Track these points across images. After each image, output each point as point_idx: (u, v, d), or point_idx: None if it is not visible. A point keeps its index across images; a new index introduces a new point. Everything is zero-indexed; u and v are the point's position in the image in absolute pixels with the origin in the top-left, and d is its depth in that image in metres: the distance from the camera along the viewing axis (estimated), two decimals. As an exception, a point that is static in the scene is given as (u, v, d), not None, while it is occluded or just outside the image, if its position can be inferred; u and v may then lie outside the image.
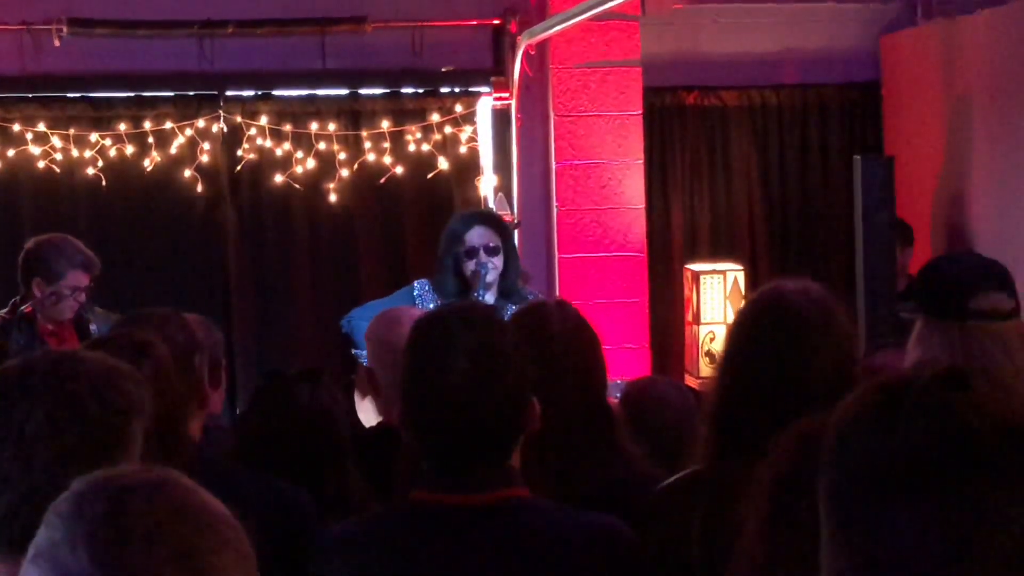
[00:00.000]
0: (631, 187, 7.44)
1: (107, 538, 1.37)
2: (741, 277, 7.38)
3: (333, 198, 7.53)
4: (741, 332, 2.76)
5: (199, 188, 7.45)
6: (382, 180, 7.54)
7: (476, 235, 5.51)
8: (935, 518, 1.31)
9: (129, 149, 7.35)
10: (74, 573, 1.35)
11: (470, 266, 5.46)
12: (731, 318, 7.12)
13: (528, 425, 2.44)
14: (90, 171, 7.34)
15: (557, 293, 7.29)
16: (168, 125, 7.39)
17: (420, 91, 7.64)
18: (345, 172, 7.51)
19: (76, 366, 2.04)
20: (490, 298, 5.47)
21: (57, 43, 7.21)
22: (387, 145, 7.52)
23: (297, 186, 7.50)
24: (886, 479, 1.34)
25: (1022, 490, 1.30)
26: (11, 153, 7.29)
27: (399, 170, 7.53)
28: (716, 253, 7.84)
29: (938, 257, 3.52)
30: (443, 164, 7.56)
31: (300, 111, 7.55)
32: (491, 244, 5.49)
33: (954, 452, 1.31)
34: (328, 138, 7.50)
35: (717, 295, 7.37)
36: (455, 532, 2.37)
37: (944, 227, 7.17)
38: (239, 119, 7.46)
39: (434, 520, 2.39)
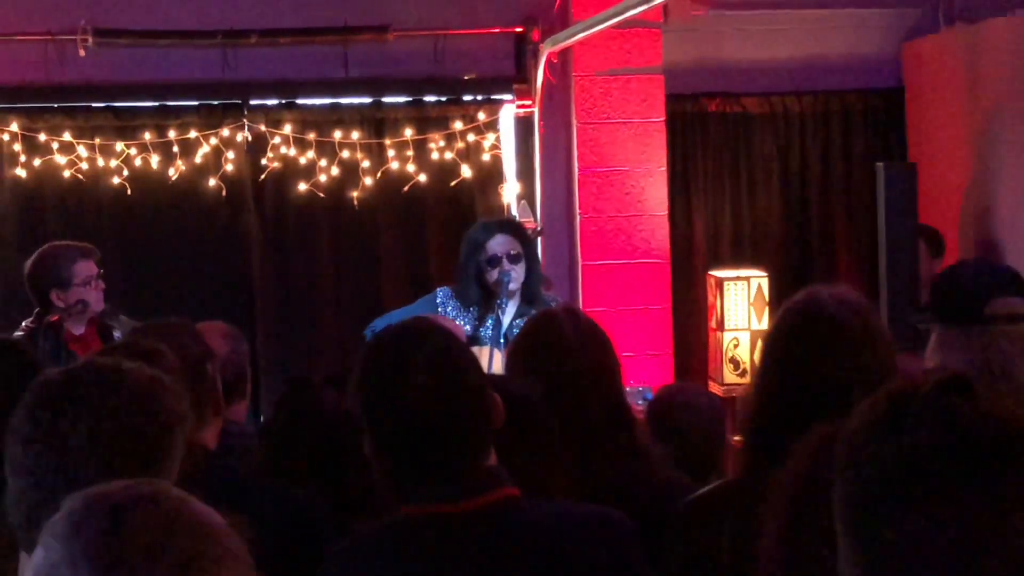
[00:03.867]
0: (654, 194, 7.44)
1: (108, 555, 1.36)
2: (765, 283, 7.37)
3: (356, 206, 7.55)
4: (778, 341, 2.73)
5: (223, 197, 7.49)
6: (405, 188, 7.56)
7: (498, 243, 5.49)
8: (943, 524, 1.31)
9: (154, 158, 7.39)
10: None
11: (493, 274, 5.45)
12: (755, 324, 7.15)
13: (494, 422, 2.45)
14: (115, 180, 7.38)
15: (581, 300, 7.30)
16: (192, 134, 7.43)
17: (443, 99, 7.66)
18: (368, 180, 7.53)
19: (120, 378, 2.03)
20: (513, 305, 5.47)
21: (82, 53, 7.26)
22: (410, 153, 7.54)
23: (321, 194, 7.53)
24: (895, 486, 1.34)
25: None
26: (37, 162, 7.34)
27: (422, 178, 7.55)
28: (739, 260, 7.83)
29: (952, 265, 3.51)
30: (466, 172, 7.58)
31: (323, 119, 7.58)
32: (513, 252, 5.48)
33: (959, 458, 1.32)
34: (351, 146, 7.52)
35: (741, 301, 7.36)
36: (453, 540, 2.37)
37: (970, 234, 7.15)
38: (263, 128, 7.50)
39: (430, 532, 2.39)
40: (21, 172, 7.33)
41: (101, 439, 1.95)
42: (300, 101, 7.59)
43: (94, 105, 7.44)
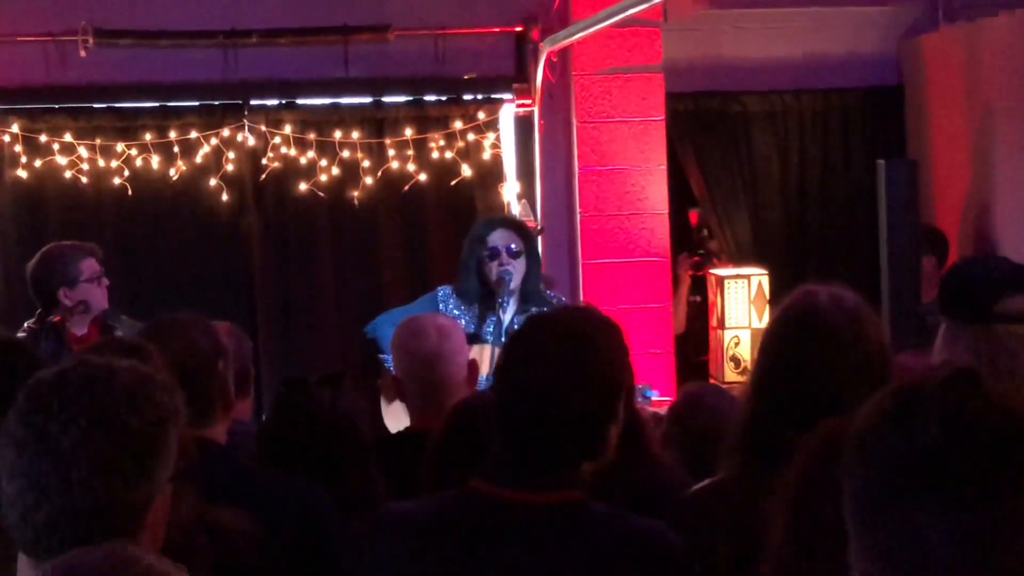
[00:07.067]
0: (654, 192, 7.44)
1: None
2: (765, 281, 7.37)
3: (357, 206, 7.56)
4: (771, 340, 2.76)
5: (224, 197, 7.49)
6: (406, 188, 7.57)
7: (498, 237, 5.53)
8: (954, 518, 1.32)
9: (155, 159, 7.40)
10: None
11: (493, 268, 5.47)
12: (755, 322, 7.15)
13: (604, 445, 2.52)
14: (116, 181, 7.39)
15: (581, 299, 7.29)
16: (193, 135, 7.43)
17: (443, 99, 7.67)
18: (369, 180, 7.54)
19: (111, 377, 2.03)
20: (512, 303, 5.48)
21: (83, 54, 7.26)
22: (410, 153, 7.54)
23: (321, 194, 7.53)
24: (905, 482, 1.35)
25: None
26: (38, 163, 7.34)
27: (423, 177, 7.55)
28: (739, 258, 7.83)
29: (961, 261, 3.50)
30: (466, 171, 7.58)
31: (324, 119, 7.58)
32: (513, 246, 5.50)
33: (969, 452, 1.33)
34: (352, 146, 7.53)
35: (741, 299, 7.36)
36: (510, 529, 2.41)
37: (968, 231, 7.15)
38: (263, 128, 7.50)
39: (491, 513, 2.43)
40: (22, 173, 7.34)
41: (93, 440, 1.96)
42: (300, 101, 7.60)
43: (95, 106, 7.45)
